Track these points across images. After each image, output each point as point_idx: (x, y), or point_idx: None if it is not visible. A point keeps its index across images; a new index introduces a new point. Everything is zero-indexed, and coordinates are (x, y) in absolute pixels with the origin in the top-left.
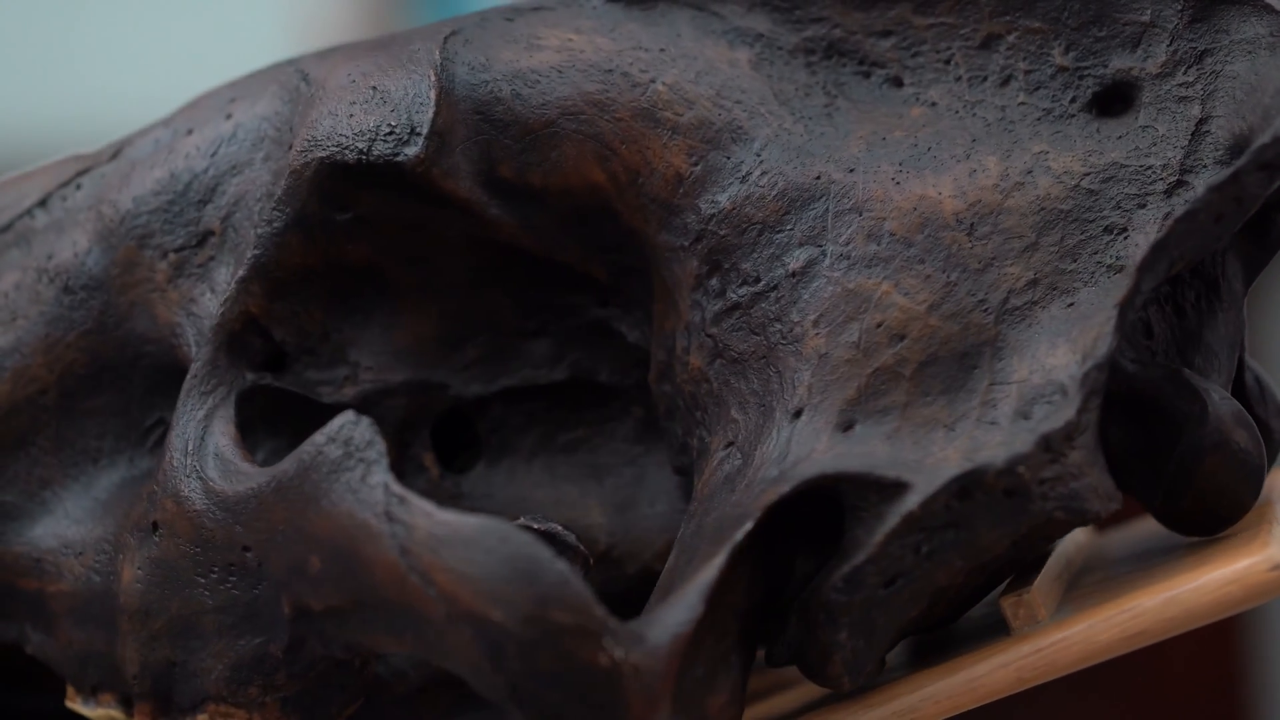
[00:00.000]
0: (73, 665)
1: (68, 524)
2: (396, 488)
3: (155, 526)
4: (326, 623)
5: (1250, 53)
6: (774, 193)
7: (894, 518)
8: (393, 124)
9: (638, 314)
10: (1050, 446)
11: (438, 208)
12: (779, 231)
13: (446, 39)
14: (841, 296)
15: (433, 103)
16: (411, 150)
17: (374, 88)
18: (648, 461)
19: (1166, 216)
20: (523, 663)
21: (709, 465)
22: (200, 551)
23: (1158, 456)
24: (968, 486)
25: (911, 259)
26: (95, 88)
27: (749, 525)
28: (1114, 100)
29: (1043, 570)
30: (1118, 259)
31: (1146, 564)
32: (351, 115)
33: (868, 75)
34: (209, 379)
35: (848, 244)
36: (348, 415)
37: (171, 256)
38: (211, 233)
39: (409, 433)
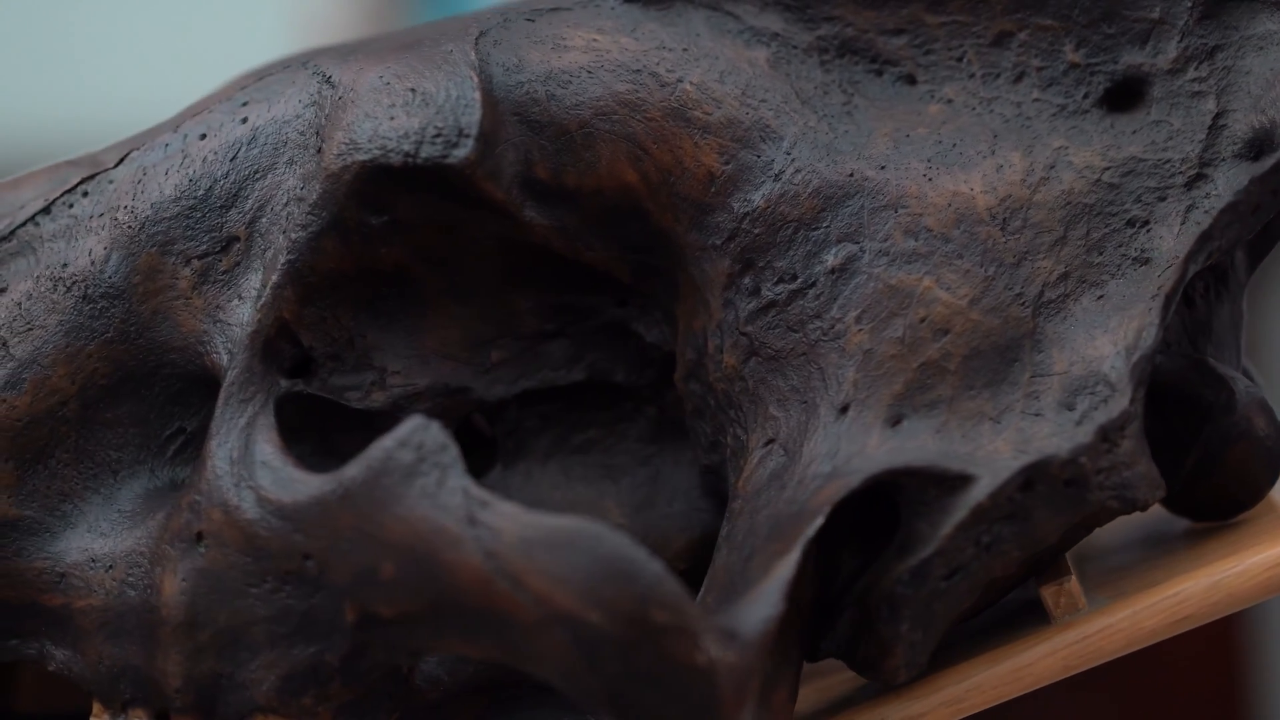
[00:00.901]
0: (103, 681)
1: (93, 537)
2: (476, 491)
3: (200, 537)
4: (394, 629)
5: (1262, 48)
6: (809, 190)
7: (962, 510)
8: (440, 126)
9: (656, 314)
10: (1107, 436)
11: (474, 210)
12: (815, 229)
13: (477, 40)
14: (884, 292)
15: (479, 104)
16: (461, 152)
17: (412, 89)
18: (662, 461)
19: (1189, 209)
20: (621, 664)
21: (748, 462)
22: (252, 561)
23: (1178, 443)
24: (1031, 478)
25: (950, 254)
26: (95, 88)
27: (820, 520)
28: (1125, 96)
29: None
30: (1142, 251)
31: (1150, 551)
32: (393, 118)
33: (880, 73)
34: (247, 386)
35: (886, 240)
36: (417, 419)
37: (195, 263)
38: (236, 238)
39: None
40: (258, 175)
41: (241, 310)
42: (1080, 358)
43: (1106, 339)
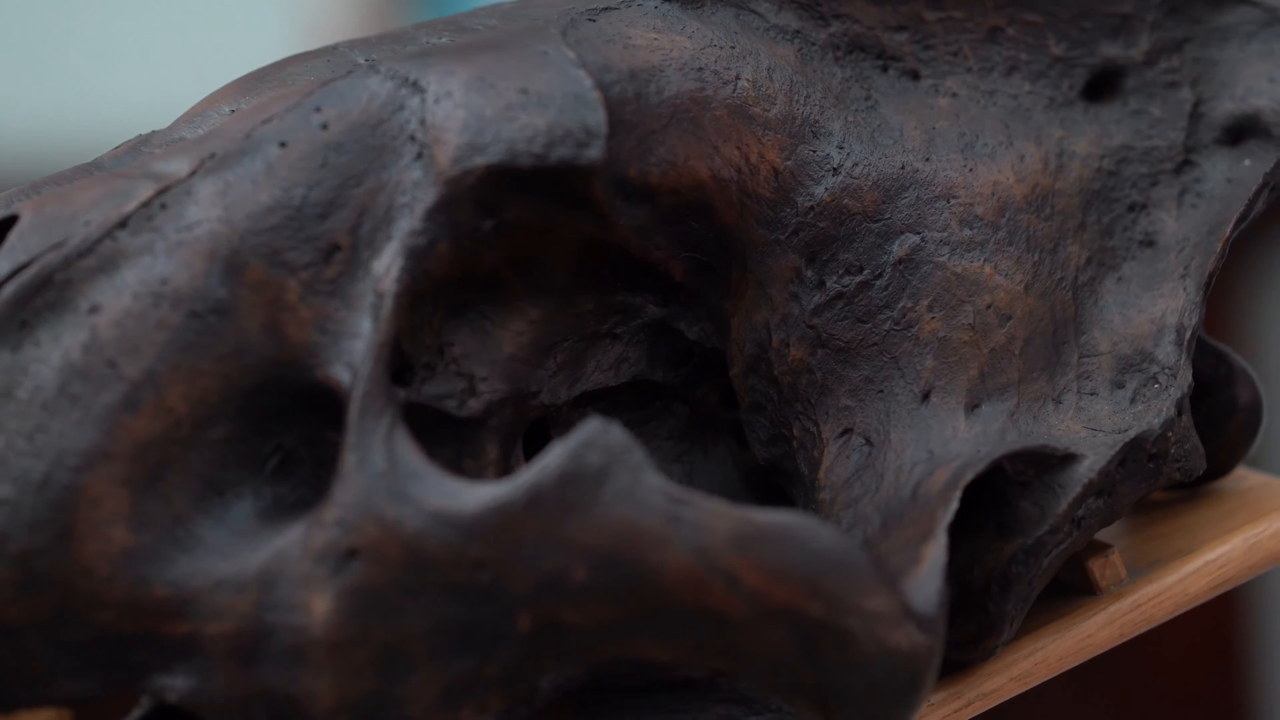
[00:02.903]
0: (235, 708)
1: (214, 561)
2: (675, 490)
3: (352, 553)
4: (577, 636)
5: (1225, 40)
6: (869, 183)
7: (1074, 487)
8: (568, 127)
9: (698, 311)
10: (1181, 412)
11: (574, 211)
12: (877, 221)
13: (564, 37)
14: (951, 281)
15: (600, 104)
16: (591, 153)
17: (523, 90)
18: (693, 457)
19: (1182, 193)
20: (839, 653)
21: (825, 453)
22: (413, 574)
23: None
24: (1127, 454)
25: (1001, 242)
26: (94, 88)
27: (955, 505)
28: (1102, 87)
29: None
30: (1146, 234)
31: (1148, 522)
32: (513, 119)
33: (886, 69)
34: (378, 397)
35: (945, 230)
36: (596, 421)
37: (301, 274)
38: (338, 247)
39: (510, 444)
40: (352, 182)
41: (351, 320)
42: (1122, 337)
43: (1143, 318)
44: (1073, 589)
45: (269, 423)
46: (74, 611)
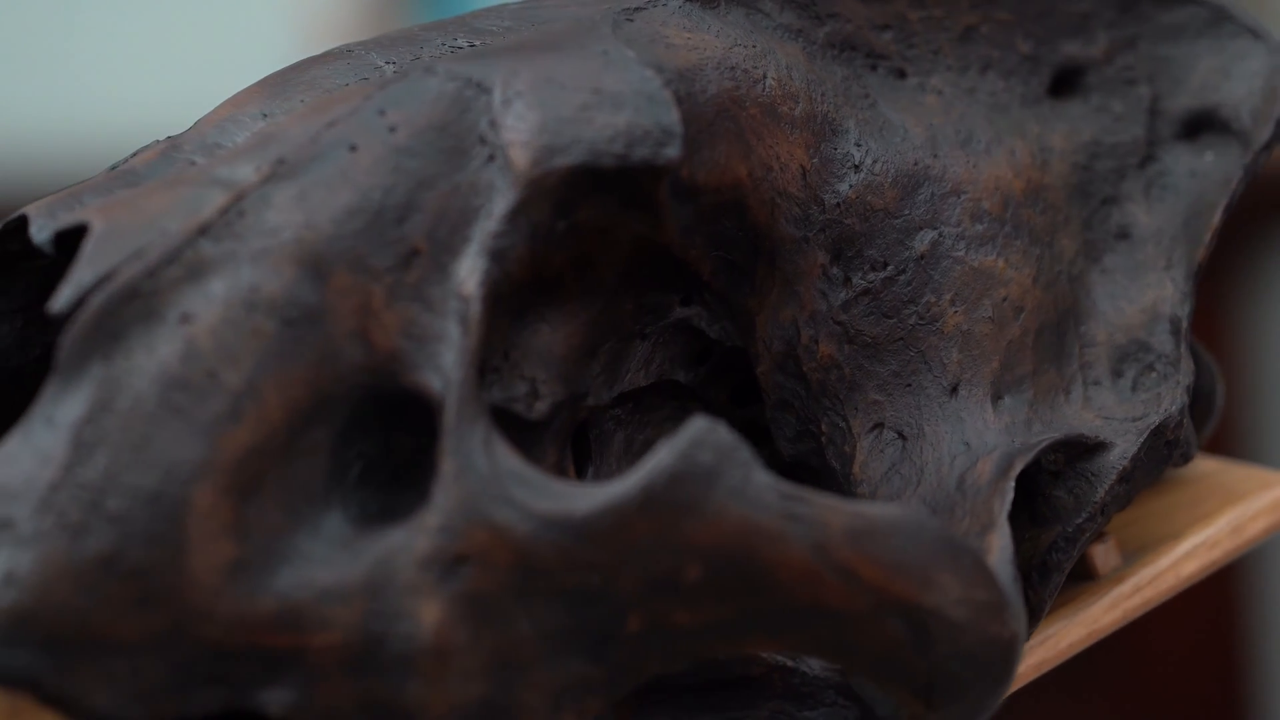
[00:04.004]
0: (342, 719)
1: (317, 571)
2: (786, 486)
3: (461, 559)
4: (687, 636)
5: (1174, 37)
6: (889, 180)
7: (1109, 474)
8: (646, 126)
9: (719, 309)
10: (1191, 399)
11: (636, 211)
12: (897, 217)
13: (616, 35)
14: (970, 275)
15: (673, 103)
16: (670, 152)
17: (596, 90)
18: None
19: (1148, 187)
20: (949, 645)
21: (857, 447)
22: (523, 579)
23: None
24: (1150, 441)
25: (1009, 235)
26: (93, 88)
27: (1010, 494)
28: (1067, 84)
29: None
30: (1120, 227)
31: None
32: (590, 120)
33: (875, 68)
34: (473, 402)
35: (959, 225)
36: (702, 420)
37: (385, 279)
38: (417, 251)
39: (563, 448)
40: (426, 185)
41: (435, 324)
42: (1116, 328)
43: (1134, 309)
44: (1071, 575)
45: (351, 431)
46: (185, 627)
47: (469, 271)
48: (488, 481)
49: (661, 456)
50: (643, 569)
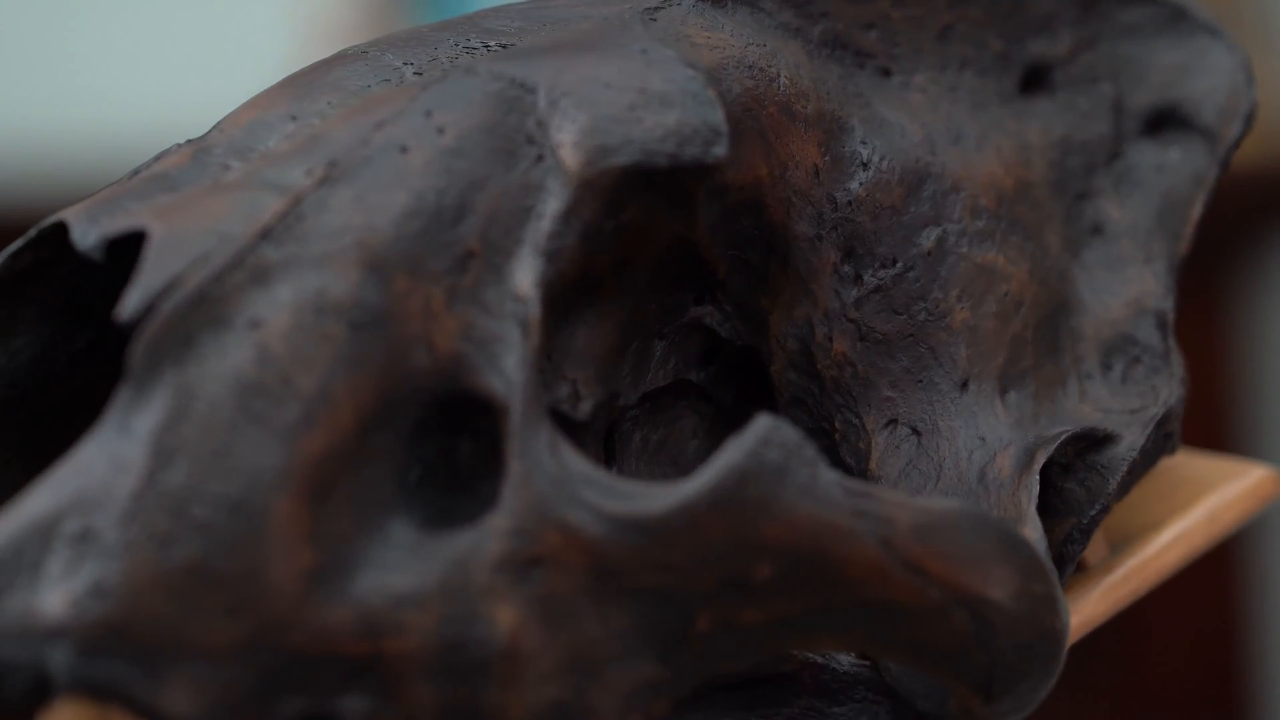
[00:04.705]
0: None
1: (389, 577)
2: (851, 483)
3: (535, 562)
4: (755, 633)
5: (1133, 35)
6: (896, 177)
7: (1120, 466)
8: (694, 125)
9: (728, 308)
10: (1185, 392)
11: (676, 210)
12: (904, 214)
13: (649, 34)
14: (975, 271)
15: (718, 101)
16: (719, 150)
17: (642, 89)
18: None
19: (1118, 183)
20: (1011, 637)
21: (872, 444)
22: (598, 580)
23: None
24: (1155, 432)
25: (1005, 231)
26: (93, 88)
27: (1037, 487)
28: (1036, 82)
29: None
30: (1094, 222)
31: None
32: (639, 119)
33: (862, 66)
34: (537, 404)
35: (960, 221)
36: (767, 417)
37: (444, 282)
38: (472, 254)
39: (600, 449)
40: (476, 187)
41: (493, 326)
42: (1102, 322)
43: (1117, 302)
44: None
45: (413, 435)
46: (268, 636)
47: (525, 273)
48: (557, 483)
49: (731, 455)
50: (714, 568)
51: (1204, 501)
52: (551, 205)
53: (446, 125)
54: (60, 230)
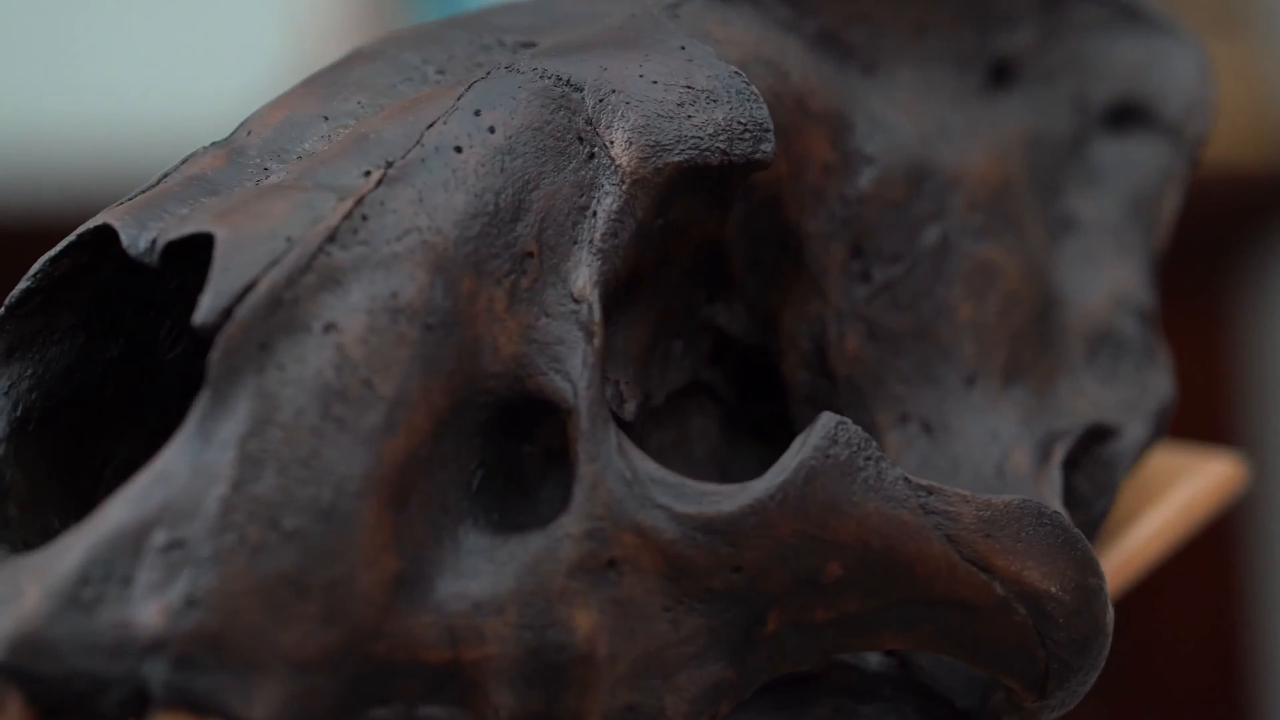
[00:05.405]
0: None
1: (467, 582)
2: (916, 480)
3: (612, 564)
4: (822, 633)
5: (1090, 32)
6: (900, 174)
7: (1125, 459)
8: (742, 121)
9: (737, 307)
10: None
11: (715, 208)
12: (908, 211)
13: (681, 28)
14: (976, 267)
15: (761, 98)
16: (767, 147)
17: (688, 87)
18: (729, 457)
19: (1082, 176)
20: (1068, 632)
21: (885, 440)
22: (671, 582)
23: None
24: (1155, 424)
25: (1001, 227)
26: (93, 88)
27: (1060, 482)
28: (1004, 77)
29: None
30: (1064, 216)
31: None
32: (689, 116)
33: (851, 62)
34: (602, 406)
35: (959, 217)
36: (831, 416)
37: (505, 283)
38: (530, 254)
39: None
40: (530, 186)
41: (554, 327)
42: (1083, 314)
43: (1098, 293)
44: None
45: (475, 438)
46: (357, 644)
47: (583, 273)
48: (629, 485)
49: (799, 453)
50: (785, 567)
51: (1176, 492)
52: (605, 204)
53: (496, 124)
54: (94, 236)
